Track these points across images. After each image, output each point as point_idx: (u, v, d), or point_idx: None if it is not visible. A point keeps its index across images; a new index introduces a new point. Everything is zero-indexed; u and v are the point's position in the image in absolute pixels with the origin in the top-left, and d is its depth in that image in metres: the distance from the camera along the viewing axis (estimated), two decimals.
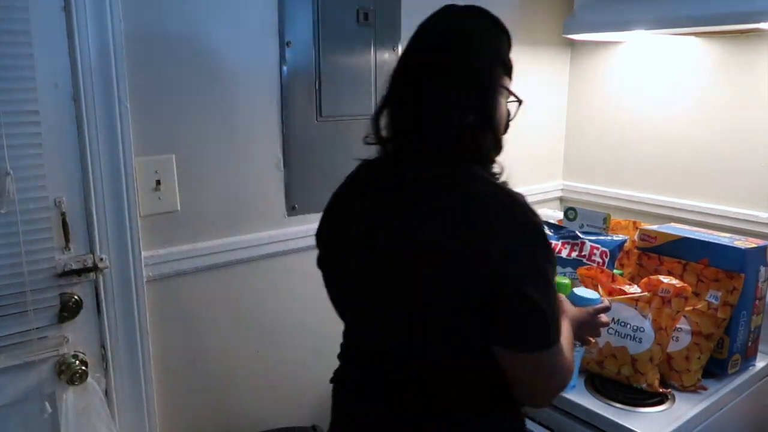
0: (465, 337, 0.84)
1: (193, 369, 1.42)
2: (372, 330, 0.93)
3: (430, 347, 0.86)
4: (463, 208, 0.82)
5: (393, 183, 0.89)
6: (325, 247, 0.99)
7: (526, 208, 0.86)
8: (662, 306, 1.22)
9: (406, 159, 0.89)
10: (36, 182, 1.12)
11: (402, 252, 0.84)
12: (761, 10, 1.31)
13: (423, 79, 0.87)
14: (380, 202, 0.89)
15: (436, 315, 0.83)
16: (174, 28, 1.26)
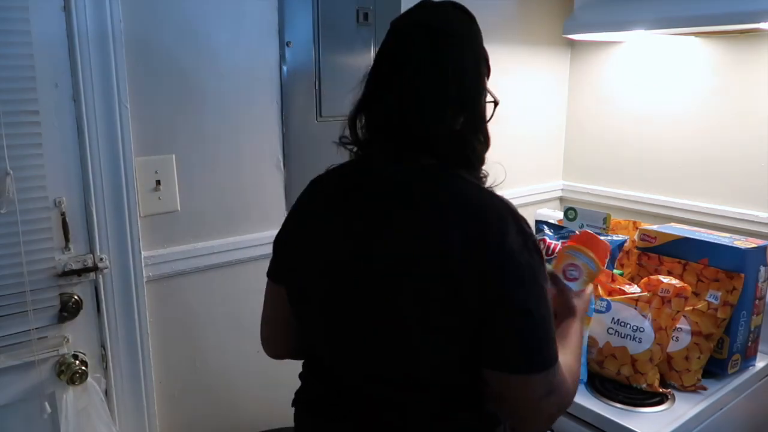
0: (453, 355, 0.79)
1: (193, 369, 1.42)
2: (352, 345, 0.85)
3: (416, 363, 0.80)
4: (459, 216, 0.77)
5: (380, 188, 0.83)
6: (293, 258, 0.91)
7: (521, 218, 0.81)
8: (662, 306, 1.22)
9: (390, 161, 0.83)
10: (36, 182, 1.12)
11: (393, 262, 0.79)
12: (761, 10, 1.31)
13: (408, 79, 0.81)
14: (368, 209, 0.83)
15: (426, 328, 0.77)
16: (174, 28, 1.26)
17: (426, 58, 0.81)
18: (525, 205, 2.04)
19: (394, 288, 0.78)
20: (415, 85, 0.81)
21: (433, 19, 0.84)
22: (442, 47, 0.81)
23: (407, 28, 0.84)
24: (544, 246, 1.52)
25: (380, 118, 0.84)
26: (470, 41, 0.85)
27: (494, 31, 1.83)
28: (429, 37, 0.82)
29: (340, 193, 0.87)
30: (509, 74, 1.91)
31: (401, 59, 0.83)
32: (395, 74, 0.83)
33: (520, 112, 1.97)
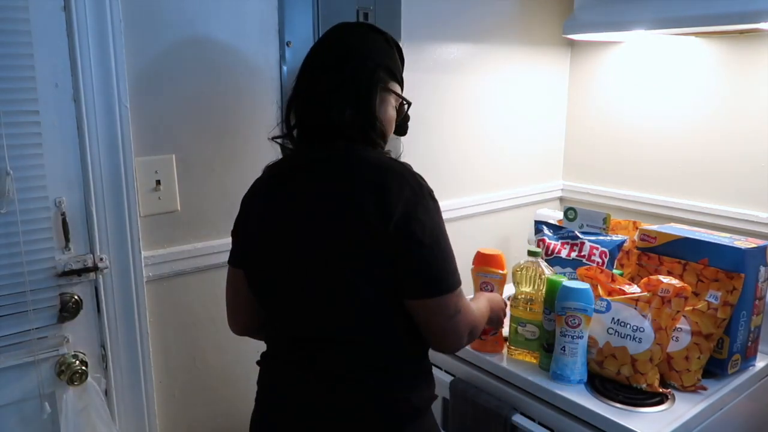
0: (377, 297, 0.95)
1: (193, 369, 1.42)
2: (297, 304, 1.01)
3: (349, 310, 0.96)
4: (367, 175, 0.95)
5: (306, 168, 1.01)
6: (250, 242, 1.06)
7: (415, 173, 0.99)
8: (662, 306, 1.22)
9: (312, 148, 1.02)
10: (36, 182, 1.12)
11: (323, 226, 0.95)
12: (761, 10, 1.31)
13: (316, 78, 1.02)
14: (299, 187, 1.00)
15: (351, 277, 0.94)
16: (174, 28, 1.26)
17: (330, 65, 1.01)
18: (525, 205, 2.04)
19: (327, 248, 0.95)
20: (321, 87, 1.01)
21: (345, 36, 1.06)
22: (346, 57, 1.02)
23: (322, 43, 1.06)
24: (544, 246, 1.52)
25: (300, 114, 1.04)
26: (372, 54, 1.04)
27: (494, 31, 1.84)
28: (334, 49, 1.04)
29: (277, 180, 1.05)
30: (509, 74, 1.91)
31: (313, 67, 1.04)
32: (309, 79, 1.03)
33: (520, 112, 1.97)
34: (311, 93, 1.02)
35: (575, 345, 1.22)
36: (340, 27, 1.08)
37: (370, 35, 1.07)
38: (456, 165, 1.84)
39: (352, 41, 1.05)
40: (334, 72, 1.01)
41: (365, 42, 1.06)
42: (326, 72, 1.01)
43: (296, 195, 1.01)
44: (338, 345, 0.99)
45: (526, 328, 1.32)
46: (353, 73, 1.01)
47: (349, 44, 1.04)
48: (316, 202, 0.97)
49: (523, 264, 1.32)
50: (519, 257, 1.35)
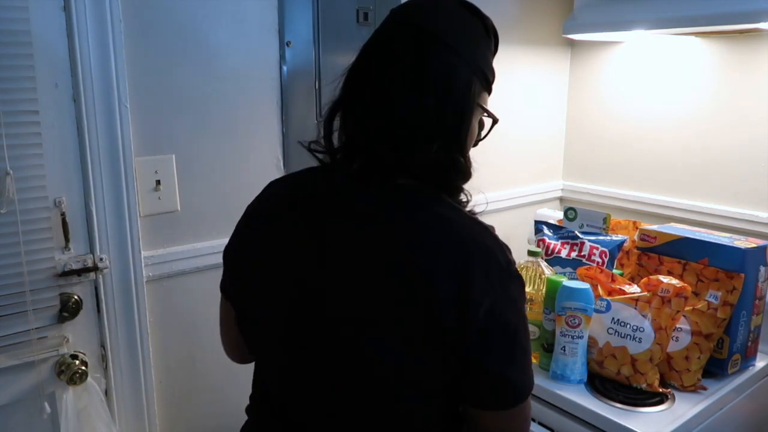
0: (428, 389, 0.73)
1: (193, 369, 1.42)
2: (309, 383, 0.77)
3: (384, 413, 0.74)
4: (440, 248, 0.68)
5: (349, 210, 0.74)
6: (243, 275, 0.83)
7: (504, 247, 0.73)
8: (662, 306, 1.22)
9: (361, 179, 0.74)
10: (36, 182, 1.12)
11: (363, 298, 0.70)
12: (761, 10, 1.31)
13: (385, 87, 0.71)
14: (333, 233, 0.73)
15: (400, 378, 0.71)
16: (174, 28, 1.26)
17: (406, 69, 0.71)
18: (525, 205, 2.04)
19: (364, 326, 0.70)
20: (390, 99, 0.71)
21: (426, 18, 0.72)
22: (426, 54, 0.71)
23: (396, 24, 0.74)
24: (544, 246, 1.52)
25: (352, 128, 0.75)
26: (467, 50, 0.73)
27: None
28: (414, 40, 0.71)
29: (301, 210, 0.77)
30: (509, 74, 1.90)
31: (380, 63, 0.73)
32: (372, 82, 0.73)
33: (520, 112, 1.97)
34: (373, 113, 0.71)
35: (575, 345, 1.22)
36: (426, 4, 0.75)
37: (464, 17, 0.75)
38: None
39: (442, 27, 0.72)
40: (406, 81, 0.70)
41: (460, 31, 0.73)
42: (394, 79, 0.71)
43: (330, 242, 0.73)
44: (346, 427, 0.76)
45: None
46: (443, 90, 0.70)
47: (437, 32, 0.71)
48: (363, 262, 0.70)
49: (523, 264, 1.32)
50: (519, 257, 1.35)
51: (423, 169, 0.72)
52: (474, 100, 0.75)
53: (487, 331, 0.69)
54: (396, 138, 0.71)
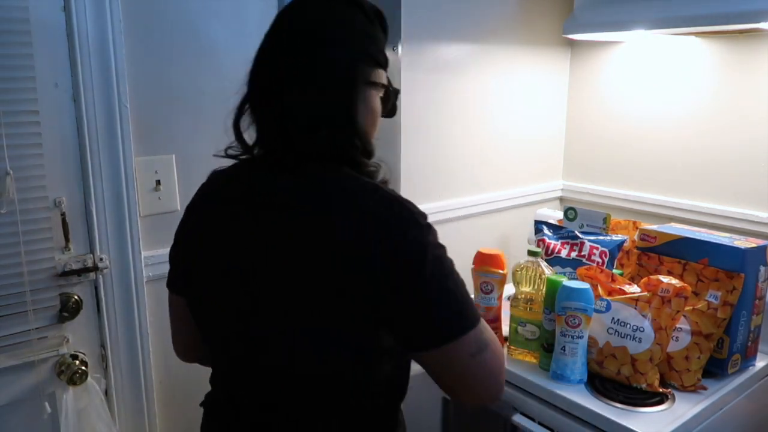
0: (359, 346, 0.78)
1: (193, 369, 1.42)
2: (258, 343, 0.83)
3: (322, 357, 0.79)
4: (347, 215, 0.75)
5: (270, 196, 0.81)
6: (190, 267, 0.90)
7: (404, 200, 0.79)
8: (662, 306, 1.22)
9: (272, 167, 0.82)
10: (36, 182, 1.12)
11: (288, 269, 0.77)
12: (761, 10, 1.31)
13: (274, 86, 0.80)
14: (261, 218, 0.81)
15: (330, 321, 0.76)
16: (174, 27, 1.26)
17: (289, 68, 0.79)
18: (525, 205, 2.04)
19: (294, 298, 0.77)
20: (278, 96, 0.79)
21: (304, 20, 0.81)
22: (306, 53, 0.78)
23: (279, 30, 0.82)
24: (544, 246, 1.52)
25: (258, 131, 0.83)
26: (345, 40, 0.81)
27: (494, 31, 1.83)
28: (293, 42, 0.79)
29: (230, 203, 0.85)
30: (509, 74, 1.91)
31: (269, 68, 0.81)
32: (263, 84, 0.82)
33: (520, 112, 1.97)
34: (269, 106, 0.81)
35: (575, 345, 1.22)
36: (294, 7, 0.83)
37: (341, 10, 0.82)
38: (456, 165, 1.84)
39: (319, 26, 0.80)
40: (297, 75, 0.78)
41: (338, 24, 0.81)
42: (284, 80, 0.79)
43: (254, 228, 0.81)
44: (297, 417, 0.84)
45: (526, 328, 1.32)
46: (326, 77, 0.78)
47: (317, 31, 0.79)
48: (282, 241, 0.78)
49: (523, 264, 1.32)
50: (519, 257, 1.35)
51: (317, 153, 0.79)
52: (358, 81, 0.80)
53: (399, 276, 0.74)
54: (286, 130, 0.79)
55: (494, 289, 1.32)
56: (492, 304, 1.32)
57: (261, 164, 0.84)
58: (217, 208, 0.87)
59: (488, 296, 1.32)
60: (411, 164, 1.73)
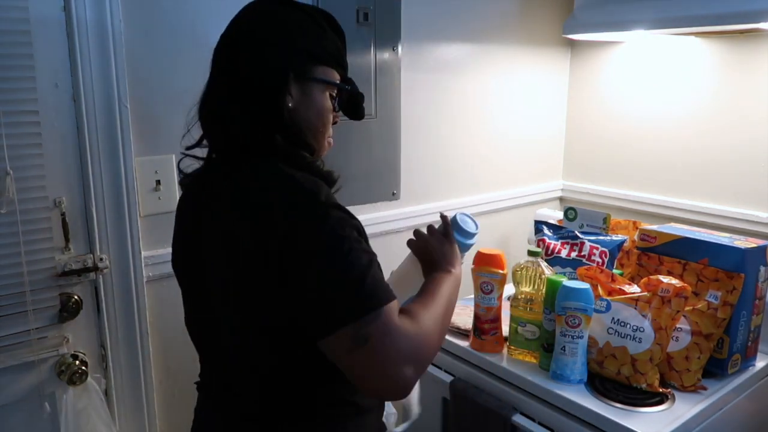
0: (275, 336, 0.81)
1: (193, 369, 1.42)
2: (207, 336, 0.93)
3: (244, 350, 0.84)
4: (245, 196, 0.80)
5: (204, 191, 0.90)
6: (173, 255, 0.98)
7: (313, 184, 0.78)
8: (662, 306, 1.22)
9: (218, 162, 0.90)
10: (36, 182, 1.12)
11: (209, 253, 0.85)
12: (761, 10, 1.31)
13: (211, 88, 0.88)
14: (195, 208, 0.91)
15: (242, 312, 0.81)
16: (174, 27, 1.26)
17: (220, 72, 0.86)
18: (525, 205, 2.04)
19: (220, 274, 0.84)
20: (214, 93, 0.86)
21: (240, 21, 0.87)
22: (235, 58, 0.84)
23: (223, 35, 0.88)
24: (544, 246, 1.52)
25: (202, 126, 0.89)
26: (282, 38, 0.84)
27: (494, 31, 1.84)
28: (230, 42, 0.86)
29: (186, 197, 0.95)
30: (509, 74, 1.91)
31: (212, 70, 0.88)
32: (208, 83, 0.89)
33: (520, 112, 1.97)
34: (206, 101, 0.87)
35: (575, 345, 1.22)
36: (244, 9, 0.88)
37: (281, 13, 0.86)
38: (456, 165, 1.84)
39: (252, 26, 0.85)
40: (228, 71, 0.84)
41: (273, 24, 0.84)
42: (220, 72, 0.86)
43: (193, 221, 0.90)
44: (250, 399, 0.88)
45: (526, 328, 1.32)
46: (252, 70, 0.82)
47: (248, 30, 0.84)
48: (205, 232, 0.86)
49: (523, 264, 1.32)
50: (519, 257, 1.35)
51: (250, 142, 0.83)
52: (289, 75, 0.83)
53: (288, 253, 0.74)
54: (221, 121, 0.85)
55: (494, 289, 1.32)
56: (492, 304, 1.32)
57: (207, 162, 0.92)
58: (181, 203, 0.96)
59: (488, 296, 1.32)
60: (411, 164, 1.73)
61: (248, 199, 0.80)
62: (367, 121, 1.58)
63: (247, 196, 0.80)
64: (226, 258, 0.81)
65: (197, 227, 0.89)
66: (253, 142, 0.83)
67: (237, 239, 0.79)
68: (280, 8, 0.86)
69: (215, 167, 0.90)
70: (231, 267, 0.81)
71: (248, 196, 0.80)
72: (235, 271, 0.80)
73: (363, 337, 0.72)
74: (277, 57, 0.83)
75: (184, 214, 0.95)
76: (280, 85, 0.82)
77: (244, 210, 0.79)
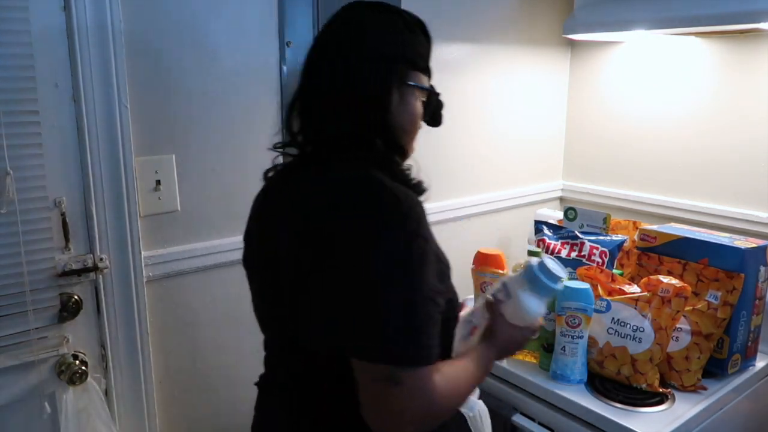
0: None
1: (193, 369, 1.42)
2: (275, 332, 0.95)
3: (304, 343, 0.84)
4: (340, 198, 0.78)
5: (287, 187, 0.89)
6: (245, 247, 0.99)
7: (385, 188, 0.76)
8: (662, 306, 1.22)
9: (304, 163, 0.89)
10: (36, 182, 1.12)
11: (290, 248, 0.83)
12: (761, 10, 1.31)
13: (308, 82, 0.87)
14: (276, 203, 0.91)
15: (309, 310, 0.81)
16: (174, 27, 1.26)
17: (323, 66, 0.85)
18: (525, 205, 2.04)
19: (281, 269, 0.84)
20: (311, 92, 0.86)
21: (341, 25, 0.87)
22: (342, 57, 0.84)
23: (321, 35, 0.89)
24: (544, 246, 1.52)
25: (299, 125, 0.89)
26: (382, 45, 0.85)
27: (494, 31, 1.83)
28: (327, 45, 0.87)
29: (262, 192, 0.96)
30: (509, 74, 1.90)
31: (309, 73, 0.88)
32: (303, 76, 0.88)
33: (520, 112, 1.97)
34: (307, 101, 0.87)
35: (575, 345, 1.22)
36: (343, 10, 0.89)
37: (381, 18, 0.87)
38: (456, 165, 1.84)
39: (359, 29, 0.85)
40: (331, 73, 0.84)
41: (377, 25, 0.86)
42: (322, 74, 0.85)
43: (273, 216, 0.90)
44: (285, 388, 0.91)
45: None
46: (362, 72, 0.83)
47: (356, 34, 0.85)
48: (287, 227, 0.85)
49: (523, 264, 1.32)
50: (519, 257, 1.36)
51: (343, 149, 0.82)
52: (393, 79, 0.84)
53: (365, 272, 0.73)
54: (314, 124, 0.86)
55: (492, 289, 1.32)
56: None
57: (295, 159, 0.92)
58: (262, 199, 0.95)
59: None
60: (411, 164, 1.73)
61: (343, 202, 0.78)
62: None
63: (343, 199, 0.78)
64: (312, 256, 0.78)
65: (277, 222, 0.88)
66: (352, 144, 0.83)
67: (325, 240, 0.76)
68: (384, 14, 0.88)
69: (303, 165, 0.89)
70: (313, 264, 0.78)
71: (344, 198, 0.78)
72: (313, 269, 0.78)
73: (397, 380, 0.72)
74: (385, 61, 0.84)
75: (263, 207, 0.94)
76: (386, 89, 0.84)
77: (337, 212, 0.77)
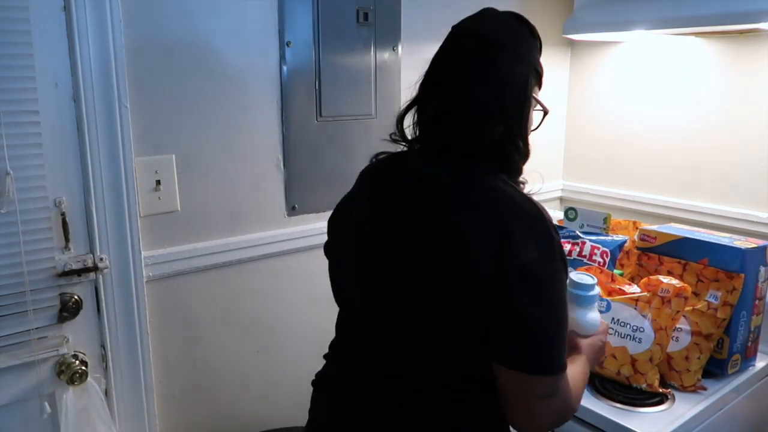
0: (466, 343, 0.83)
1: (193, 369, 1.42)
2: (376, 321, 0.90)
3: (436, 345, 0.85)
4: (485, 203, 0.81)
5: (417, 177, 0.87)
6: (335, 234, 0.98)
7: (549, 222, 0.83)
8: (662, 306, 1.22)
9: (431, 157, 0.88)
10: (36, 182, 1.12)
11: (419, 242, 0.83)
12: (761, 10, 1.31)
13: (455, 84, 0.86)
14: (401, 194, 0.88)
15: (448, 318, 0.82)
16: (174, 27, 1.26)
17: (474, 68, 0.85)
18: None
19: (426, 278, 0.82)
20: (461, 92, 0.85)
21: (488, 30, 0.88)
22: (491, 58, 0.85)
23: (462, 36, 0.89)
24: None
25: (429, 120, 0.88)
26: (522, 53, 0.88)
27: None
28: (481, 47, 0.86)
29: (383, 181, 0.93)
30: None
31: (452, 66, 0.87)
32: (445, 80, 0.87)
33: None
34: (446, 107, 0.86)
35: None
36: (485, 16, 0.92)
37: (514, 25, 0.91)
38: None
39: (501, 36, 0.87)
40: (475, 77, 0.84)
41: (513, 37, 0.89)
42: (464, 76, 0.85)
43: (398, 208, 0.87)
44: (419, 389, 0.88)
45: None
46: (505, 85, 0.84)
47: (499, 40, 0.86)
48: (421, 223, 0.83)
49: None
50: None
51: (487, 150, 0.85)
52: (530, 92, 0.88)
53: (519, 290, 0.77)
54: (464, 124, 0.84)
55: None
56: None
57: (414, 154, 0.91)
58: (372, 181, 0.95)
59: None
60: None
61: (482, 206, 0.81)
62: (367, 121, 1.58)
63: (482, 203, 0.81)
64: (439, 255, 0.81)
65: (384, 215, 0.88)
66: (498, 151, 0.86)
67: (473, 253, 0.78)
68: (521, 26, 0.92)
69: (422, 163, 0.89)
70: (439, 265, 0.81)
71: (482, 202, 0.81)
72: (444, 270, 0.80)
73: (552, 391, 0.81)
74: (526, 74, 0.87)
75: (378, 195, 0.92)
76: (528, 98, 0.87)
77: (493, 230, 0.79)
